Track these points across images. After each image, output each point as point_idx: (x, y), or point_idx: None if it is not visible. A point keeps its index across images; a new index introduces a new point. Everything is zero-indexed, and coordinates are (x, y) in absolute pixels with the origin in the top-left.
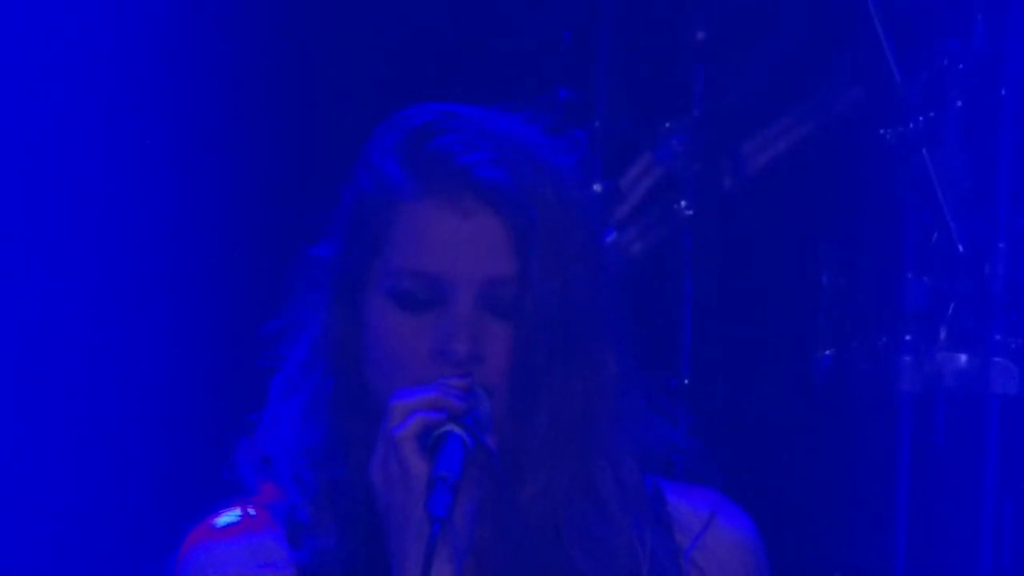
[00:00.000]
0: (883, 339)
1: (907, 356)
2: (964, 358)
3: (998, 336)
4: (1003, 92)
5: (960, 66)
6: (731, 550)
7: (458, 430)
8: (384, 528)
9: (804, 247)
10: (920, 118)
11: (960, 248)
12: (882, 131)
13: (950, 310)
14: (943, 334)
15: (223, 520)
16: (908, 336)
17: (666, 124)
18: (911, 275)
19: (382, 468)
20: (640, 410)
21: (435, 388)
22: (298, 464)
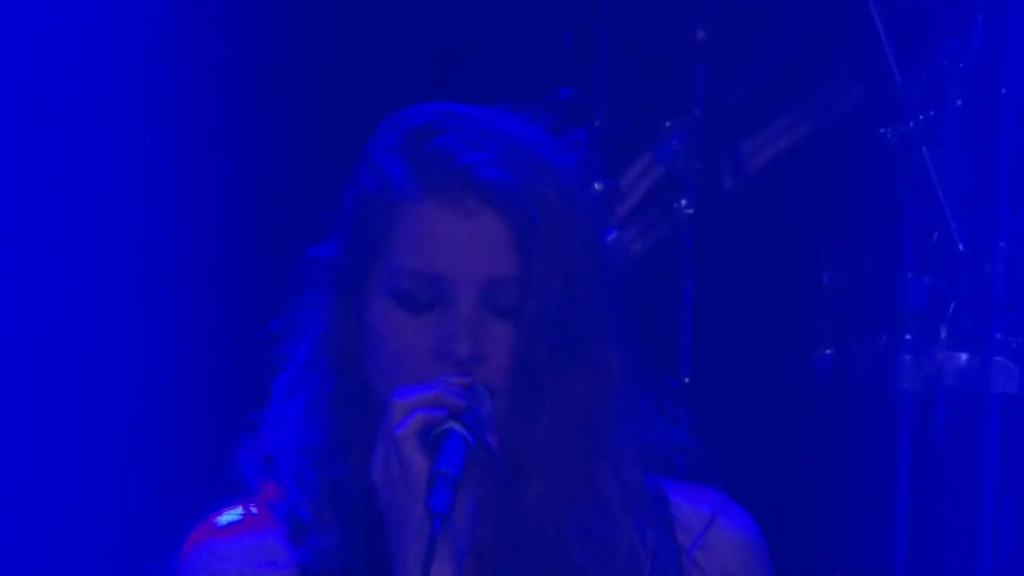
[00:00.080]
0: (883, 339)
1: (907, 355)
2: (964, 357)
3: (998, 335)
4: (1003, 92)
5: (960, 66)
6: (733, 550)
7: (459, 428)
8: (385, 527)
9: (804, 247)
10: (920, 118)
11: (960, 247)
12: (882, 131)
13: (950, 309)
14: (943, 333)
15: (225, 519)
16: (908, 335)
17: (666, 124)
18: (911, 274)
19: (383, 466)
20: (641, 410)
21: (436, 386)
22: (299, 463)
